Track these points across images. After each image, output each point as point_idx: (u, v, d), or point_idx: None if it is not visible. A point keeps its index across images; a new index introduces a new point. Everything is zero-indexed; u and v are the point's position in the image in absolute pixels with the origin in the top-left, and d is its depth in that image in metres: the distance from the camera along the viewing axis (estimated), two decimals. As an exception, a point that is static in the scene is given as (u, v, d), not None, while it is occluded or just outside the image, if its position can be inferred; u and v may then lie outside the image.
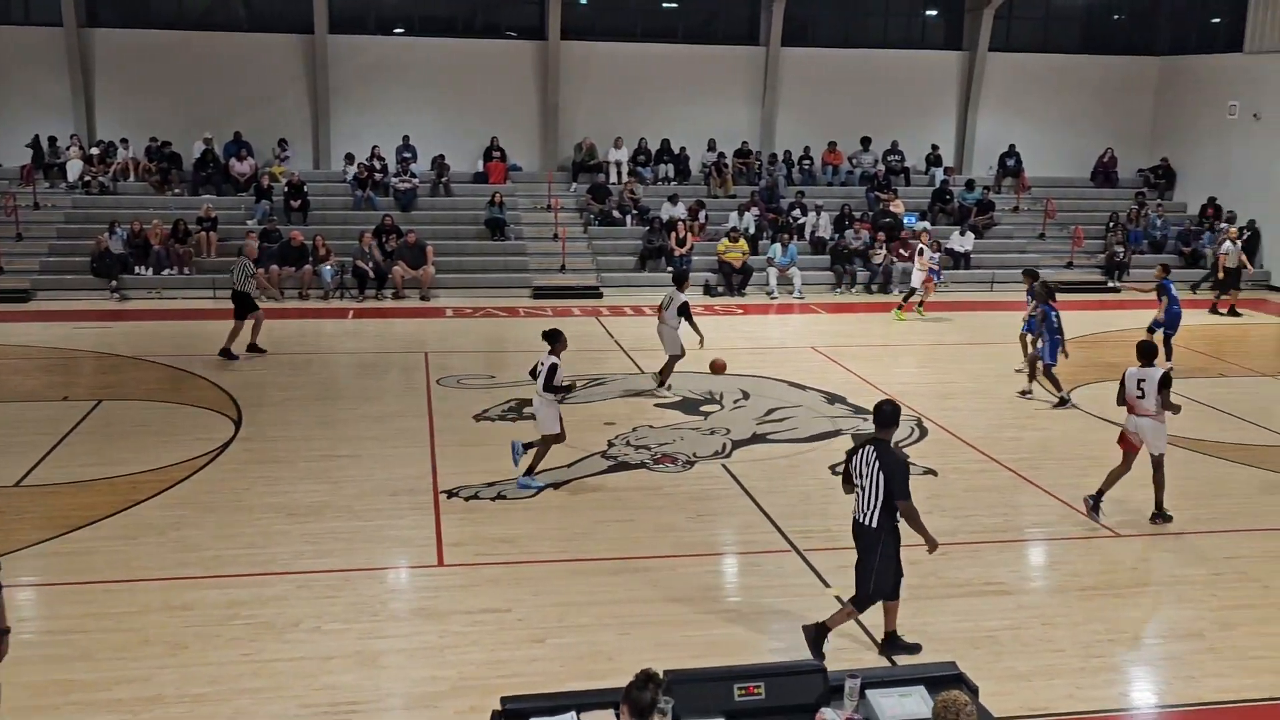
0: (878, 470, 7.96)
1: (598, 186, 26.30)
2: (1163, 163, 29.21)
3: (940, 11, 29.50)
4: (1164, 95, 29.57)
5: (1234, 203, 26.73)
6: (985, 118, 29.11)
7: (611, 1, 28.51)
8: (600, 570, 9.73)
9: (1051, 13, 29.82)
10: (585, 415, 14.53)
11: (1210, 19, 28.64)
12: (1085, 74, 29.32)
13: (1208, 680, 8.05)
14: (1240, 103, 26.68)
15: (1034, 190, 28.37)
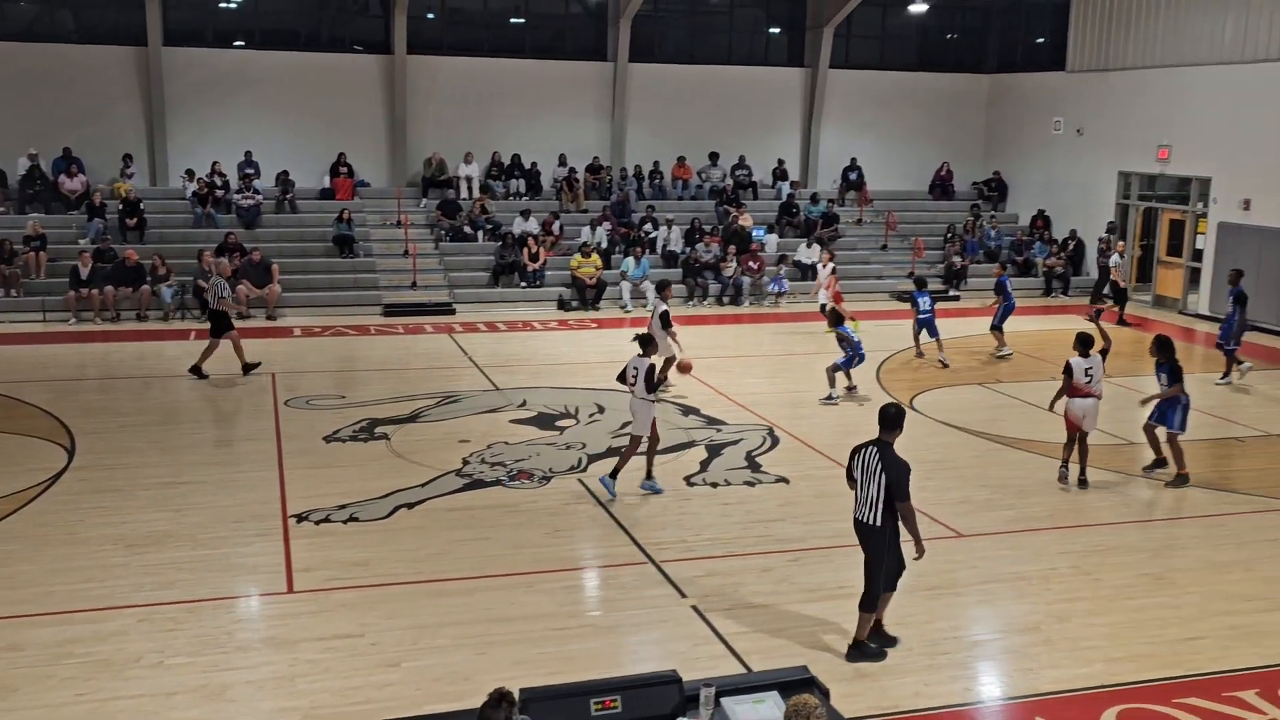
0: (880, 471, 8.19)
1: (448, 202, 26.08)
2: (995, 176, 30.49)
3: (783, 29, 30.24)
4: (995, 111, 30.89)
5: (1060, 214, 28.07)
6: (828, 133, 29.92)
7: (459, 16, 28.35)
8: (456, 590, 9.63)
9: (888, 31, 30.85)
10: (439, 433, 14.38)
11: (1035, 39, 30.05)
12: (921, 90, 30.42)
13: (1045, 671, 8.41)
14: (1064, 118, 28.04)
15: (876, 203, 29.27)
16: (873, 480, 8.23)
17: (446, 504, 11.79)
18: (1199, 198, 24.49)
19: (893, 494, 8.16)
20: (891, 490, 8.16)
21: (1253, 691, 8.09)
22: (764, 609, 9.34)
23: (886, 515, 8.24)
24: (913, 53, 31.14)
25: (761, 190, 29.05)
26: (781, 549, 10.68)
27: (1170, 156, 24.89)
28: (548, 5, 28.73)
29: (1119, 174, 26.53)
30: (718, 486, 12.52)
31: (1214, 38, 23.63)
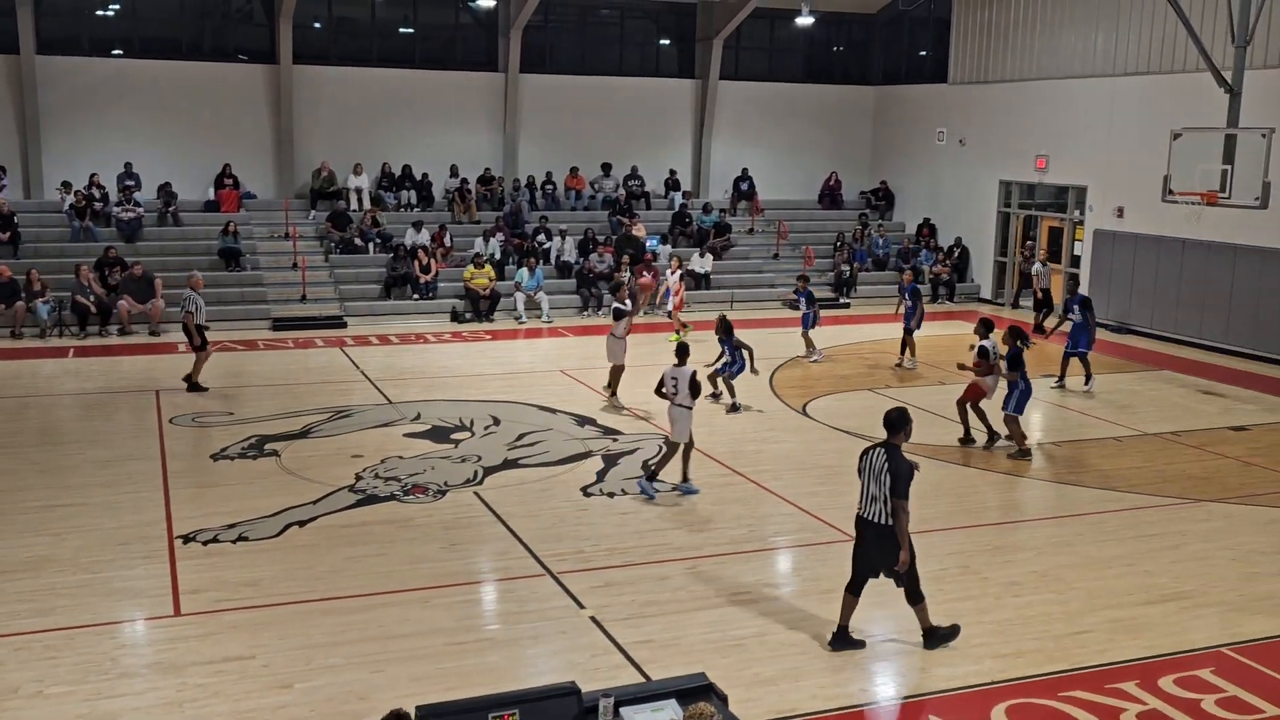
0: (886, 472, 8.51)
1: (338, 213, 25.68)
2: (882, 185, 31.14)
3: (673, 41, 30.48)
4: (880, 122, 31.56)
5: (944, 222, 28.79)
6: (719, 143, 30.23)
7: (346, 26, 27.97)
8: (350, 608, 9.46)
9: (776, 44, 31.31)
10: (331, 449, 14.13)
11: (919, 52, 30.80)
12: (810, 102, 30.94)
13: (937, 670, 8.58)
14: (947, 129, 28.78)
15: (767, 212, 29.66)
16: (879, 481, 8.58)
17: (339, 520, 11.58)
18: (1075, 206, 25.33)
19: (893, 490, 8.51)
20: (895, 486, 8.50)
21: (1133, 682, 8.37)
22: (662, 617, 9.36)
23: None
24: (801, 65, 31.65)
25: (654, 200, 29.22)
26: (678, 557, 10.73)
27: (1048, 166, 25.71)
28: (437, 15, 28.51)
29: (1000, 183, 27.31)
30: (615, 496, 12.53)
31: (1087, 52, 24.50)
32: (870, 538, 8.76)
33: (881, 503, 8.59)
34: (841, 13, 30.63)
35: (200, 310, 17.26)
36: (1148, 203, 20.93)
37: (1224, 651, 8.92)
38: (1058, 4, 25.24)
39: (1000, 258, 27.56)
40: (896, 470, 8.53)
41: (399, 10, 28.25)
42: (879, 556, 8.73)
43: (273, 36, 26.05)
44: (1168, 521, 11.99)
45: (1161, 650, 8.90)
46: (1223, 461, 14.34)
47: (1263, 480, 13.54)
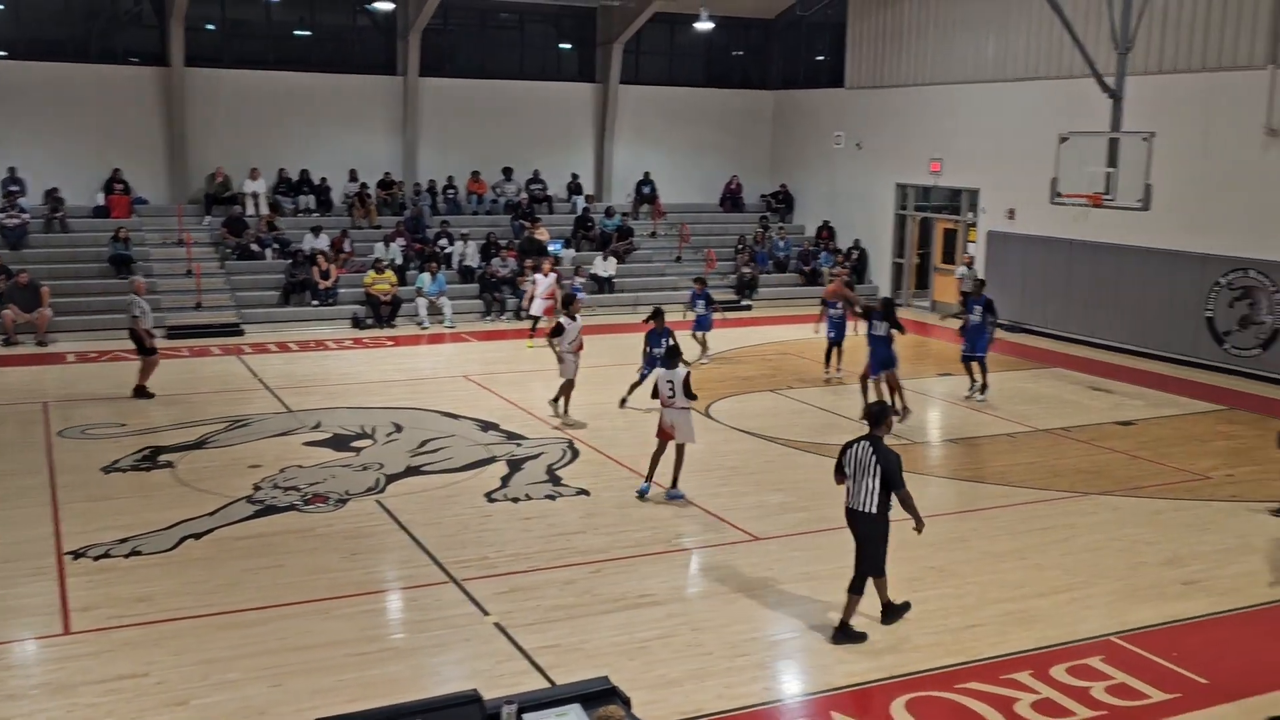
0: (875, 464, 8.83)
1: (234, 219, 25.15)
2: (782, 188, 31.52)
3: (574, 45, 30.48)
4: (780, 126, 31.96)
5: (843, 224, 29.26)
6: (621, 147, 30.31)
7: (240, 28, 27.41)
8: (248, 621, 9.27)
9: (676, 49, 31.50)
10: (228, 459, 13.84)
11: (816, 57, 31.24)
12: (710, 106, 31.19)
13: (839, 666, 8.72)
14: (844, 133, 29.25)
15: (669, 216, 29.82)
16: (868, 473, 8.88)
17: (237, 532, 11.34)
18: (969, 208, 25.93)
19: (890, 484, 8.84)
20: (889, 480, 8.82)
21: (1027, 672, 8.60)
22: (566, 622, 9.36)
23: (883, 503, 8.90)
24: (701, 69, 31.88)
25: (557, 204, 29.19)
26: (584, 561, 10.73)
27: (942, 169, 26.29)
28: (334, 18, 28.10)
29: (896, 186, 27.83)
30: (519, 501, 12.48)
31: (978, 58, 25.11)
32: (861, 527, 9.08)
33: (869, 493, 8.91)
34: (740, 17, 30.94)
35: (146, 315, 17.26)
36: (1038, 204, 21.47)
37: (1113, 640, 9.21)
38: (949, 11, 25.83)
39: (898, 259, 28.08)
40: (887, 464, 8.87)
41: (295, 12, 27.78)
42: (861, 545, 9.10)
43: (164, 38, 25.40)
44: (1058, 515, 12.33)
45: (1053, 640, 9.16)
46: (1111, 455, 14.80)
47: (1148, 473, 14.02)
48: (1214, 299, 20.33)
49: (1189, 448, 15.23)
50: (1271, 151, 19.29)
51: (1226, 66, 19.96)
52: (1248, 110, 19.51)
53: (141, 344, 17.19)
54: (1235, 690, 8.36)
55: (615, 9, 28.37)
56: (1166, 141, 18.50)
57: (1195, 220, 20.50)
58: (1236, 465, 14.40)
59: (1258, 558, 11.17)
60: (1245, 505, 12.76)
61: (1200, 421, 16.80)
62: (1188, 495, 13.11)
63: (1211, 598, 10.13)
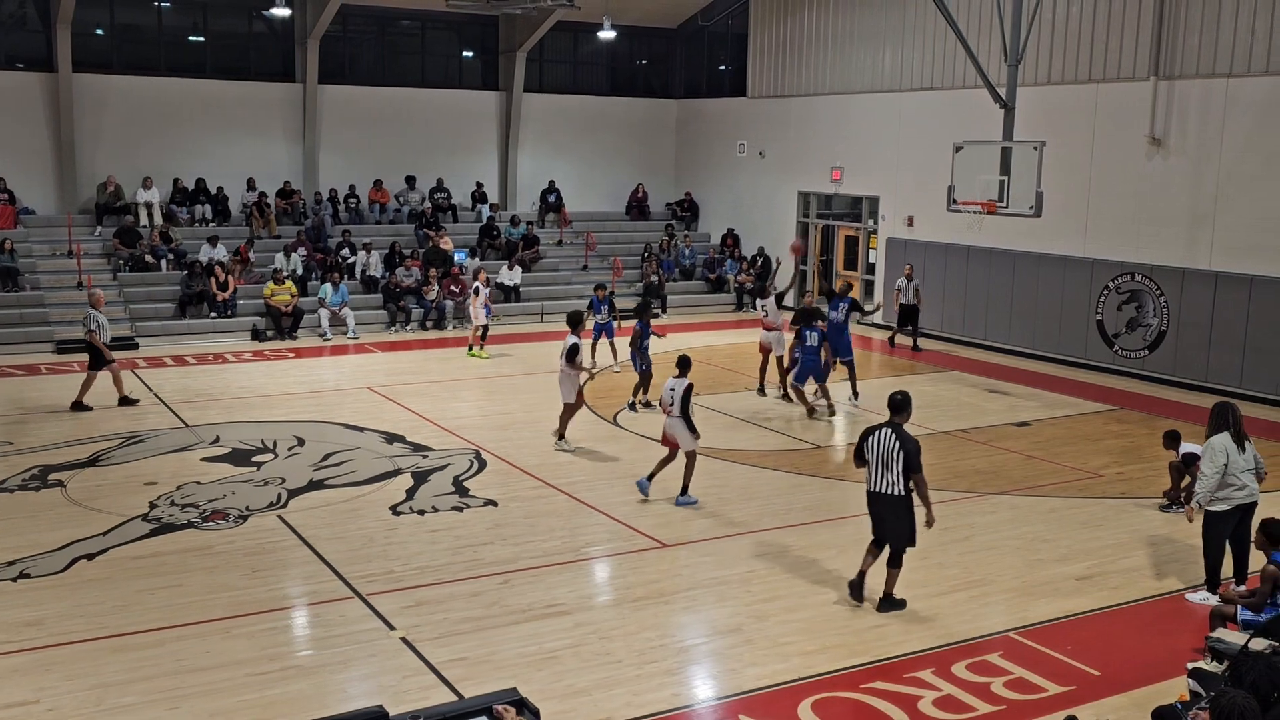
0: (898, 449, 9.50)
1: (126, 229, 24.48)
2: (687, 197, 31.73)
3: (476, 53, 30.32)
4: (684, 134, 32.17)
5: (747, 233, 29.55)
6: (526, 155, 30.23)
7: (131, 33, 26.71)
8: (144, 643, 9.01)
9: (580, 57, 31.53)
10: (122, 476, 13.46)
11: (718, 66, 31.53)
12: (615, 115, 31.28)
13: (747, 670, 8.78)
14: (747, 142, 29.56)
15: (575, 224, 29.80)
16: (893, 457, 9.54)
17: (132, 551, 11.03)
18: (869, 215, 26.39)
19: (910, 466, 9.49)
20: (909, 463, 9.48)
21: (929, 670, 8.76)
22: (475, 634, 9.28)
23: (905, 484, 9.60)
24: (605, 78, 31.95)
25: (461, 213, 28.99)
26: (491, 572, 10.66)
27: (843, 177, 26.71)
28: (229, 24, 27.53)
29: (799, 194, 28.20)
30: (425, 514, 12.35)
31: (876, 68, 25.58)
32: (883, 509, 9.75)
33: (894, 478, 9.57)
34: (643, 27, 31.09)
35: (104, 328, 17.10)
36: (935, 212, 21.98)
37: (1011, 636, 9.44)
38: (848, 23, 26.27)
39: (801, 266, 28.41)
40: (908, 448, 9.52)
41: (188, 18, 27.17)
42: (891, 524, 9.77)
43: (50, 43, 24.64)
44: (958, 515, 12.59)
45: (954, 638, 9.35)
46: (1008, 456, 15.17)
47: (1044, 472, 14.40)
48: (1103, 302, 20.98)
49: (1082, 447, 15.68)
50: (1154, 160, 19.99)
51: (1111, 78, 20.64)
52: (1132, 120, 20.19)
53: (100, 357, 16.90)
54: (1127, 681, 8.62)
55: (518, 17, 28.28)
56: (1056, 150, 19.09)
57: (1084, 226, 21.15)
58: (1127, 463, 14.86)
59: (1147, 552, 11.54)
60: (1135, 502, 13.18)
61: (1092, 421, 17.31)
62: (1081, 493, 13.49)
63: (1104, 592, 10.44)
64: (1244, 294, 18.72)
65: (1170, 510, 12.75)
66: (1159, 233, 20.00)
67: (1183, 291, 19.65)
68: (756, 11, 28.93)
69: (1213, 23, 18.96)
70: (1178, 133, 19.65)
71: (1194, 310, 19.49)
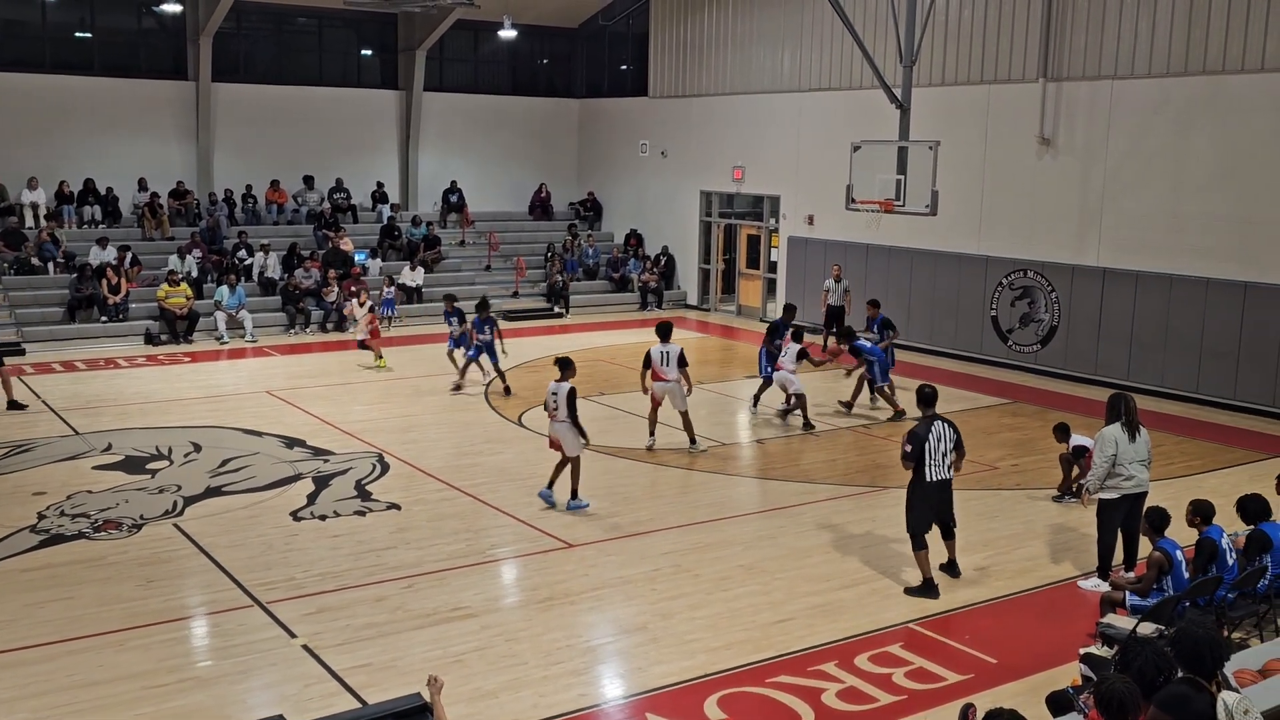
0: (955, 435, 10.29)
1: (11, 231, 23.66)
2: (590, 196, 31.73)
3: (375, 51, 29.91)
4: (586, 134, 32.17)
5: (650, 232, 29.67)
6: (427, 155, 29.93)
7: (13, 29, 25.79)
8: (35, 659, 8.72)
9: (480, 56, 31.32)
10: (9, 486, 13.01)
11: (620, 66, 31.59)
12: (516, 114, 31.14)
13: (654, 668, 8.82)
14: (649, 142, 29.67)
15: (478, 224, 29.59)
16: (951, 444, 10.26)
17: (20, 564, 10.67)
18: (771, 214, 26.68)
19: (961, 449, 10.38)
20: (962, 445, 10.39)
21: (833, 663, 8.89)
22: (379, 640, 9.17)
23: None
24: (506, 77, 31.79)
25: (361, 213, 28.60)
26: (395, 576, 10.54)
27: (744, 177, 26.96)
28: (117, 19, 26.74)
29: (701, 193, 28.39)
30: (327, 519, 12.16)
31: (775, 69, 25.87)
32: (948, 493, 10.44)
33: (946, 464, 10.28)
34: (544, 26, 31.00)
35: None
36: (834, 210, 22.30)
37: (912, 627, 9.63)
38: (747, 23, 26.53)
39: (704, 265, 28.65)
40: (958, 432, 10.36)
41: (74, 13, 26.31)
42: (947, 505, 10.50)
43: (-74, 38, 23.73)
44: (860, 509, 12.81)
45: (857, 631, 9.50)
46: (907, 450, 15.45)
47: (941, 465, 14.69)
48: (997, 299, 21.51)
49: (978, 440, 16.02)
50: (1044, 159, 20.56)
51: (1002, 80, 21.17)
52: (1022, 120, 20.74)
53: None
54: (1022, 668, 8.85)
55: (417, 15, 27.98)
56: (951, 150, 19.50)
57: (979, 224, 21.68)
58: (1021, 456, 15.27)
59: (1041, 542, 11.87)
60: (1030, 493, 13.55)
61: (987, 415, 17.74)
62: (978, 485, 13.81)
63: (1000, 581, 10.71)
64: (1130, 289, 19.36)
65: (1062, 501, 13.13)
66: (1050, 230, 20.59)
67: (1073, 287, 20.24)
68: (657, 12, 29.06)
69: (1098, 25, 19.57)
70: (1066, 133, 20.24)
71: (1083, 305, 20.10)
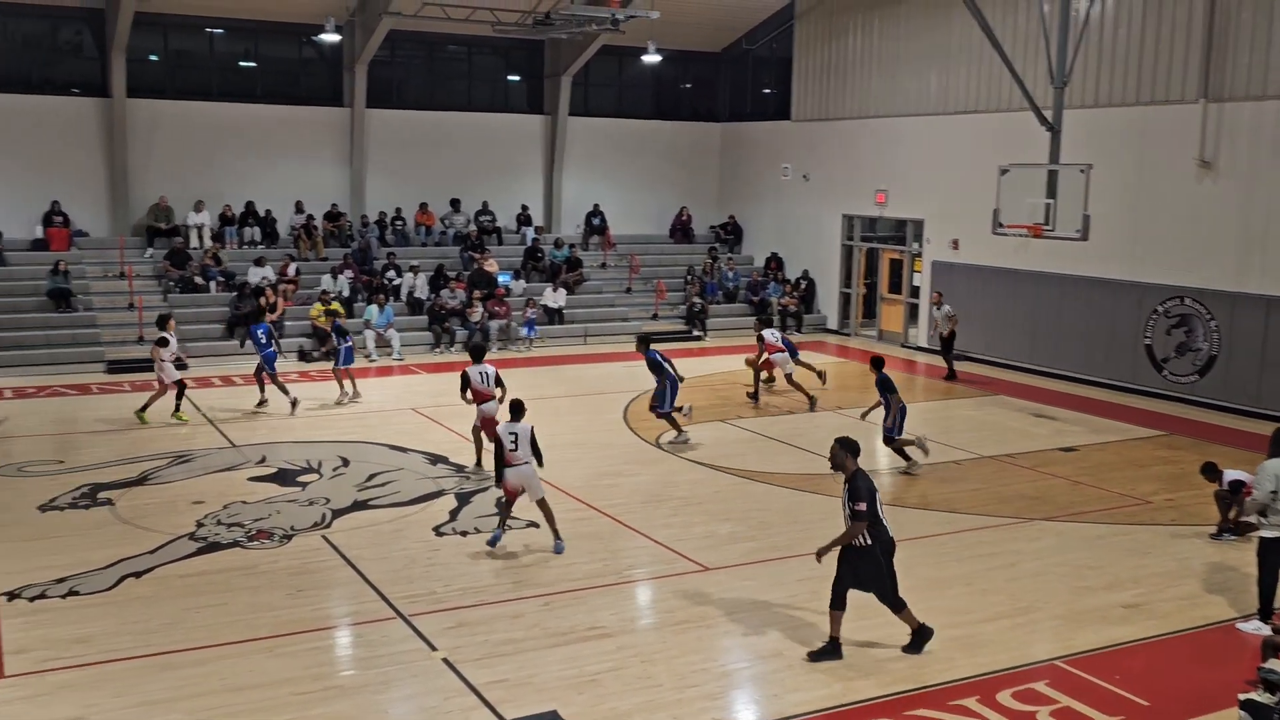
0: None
1: (177, 251, 24.88)
2: (730, 219, 31.74)
3: (522, 77, 30.57)
4: (728, 158, 32.22)
5: (791, 256, 29.50)
6: (570, 178, 30.40)
7: (184, 59, 27.21)
8: (189, 661, 9.10)
9: (625, 81, 31.70)
10: (170, 496, 13.64)
11: (762, 90, 31.57)
12: (659, 138, 31.41)
13: (789, 696, 8.72)
14: (791, 165, 29.54)
15: (619, 247, 29.90)
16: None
17: (179, 570, 11.17)
18: (914, 238, 26.25)
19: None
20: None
21: (974, 698, 8.65)
22: (516, 656, 9.29)
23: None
24: (650, 101, 32.10)
25: (506, 235, 29.19)
26: (533, 594, 10.67)
27: (888, 200, 26.61)
28: (279, 49, 27.98)
29: (843, 217, 28.12)
30: (468, 535, 12.40)
31: (921, 91, 25.50)
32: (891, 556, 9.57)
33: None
34: (687, 50, 31.22)
35: None
36: (980, 235, 21.82)
37: (1058, 664, 9.30)
38: (893, 46, 26.22)
39: (845, 289, 28.35)
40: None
41: (240, 44, 27.63)
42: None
43: (105, 69, 25.17)
44: (1003, 541, 12.46)
45: (999, 666, 9.23)
46: (1054, 481, 14.99)
47: (1090, 498, 14.21)
48: (1152, 327, 20.71)
49: (1129, 473, 15.46)
50: (1204, 182, 19.74)
51: (1159, 101, 20.43)
52: (1180, 142, 19.96)
53: None
54: (1175, 712, 8.47)
55: (563, 42, 28.51)
56: (1103, 173, 18.90)
57: (1132, 250, 20.91)
58: (1176, 490, 14.64)
59: (1196, 581, 11.34)
60: (1184, 529, 12.97)
61: (1140, 447, 17.07)
62: (1129, 520, 13.30)
63: (1153, 621, 10.27)
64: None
65: (1220, 539, 12.53)
66: (1209, 256, 19.74)
67: (1233, 315, 19.36)
68: (801, 35, 28.97)
69: (1264, 44, 18.74)
70: (1228, 155, 19.40)
71: (1245, 334, 19.20)
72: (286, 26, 26.98)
